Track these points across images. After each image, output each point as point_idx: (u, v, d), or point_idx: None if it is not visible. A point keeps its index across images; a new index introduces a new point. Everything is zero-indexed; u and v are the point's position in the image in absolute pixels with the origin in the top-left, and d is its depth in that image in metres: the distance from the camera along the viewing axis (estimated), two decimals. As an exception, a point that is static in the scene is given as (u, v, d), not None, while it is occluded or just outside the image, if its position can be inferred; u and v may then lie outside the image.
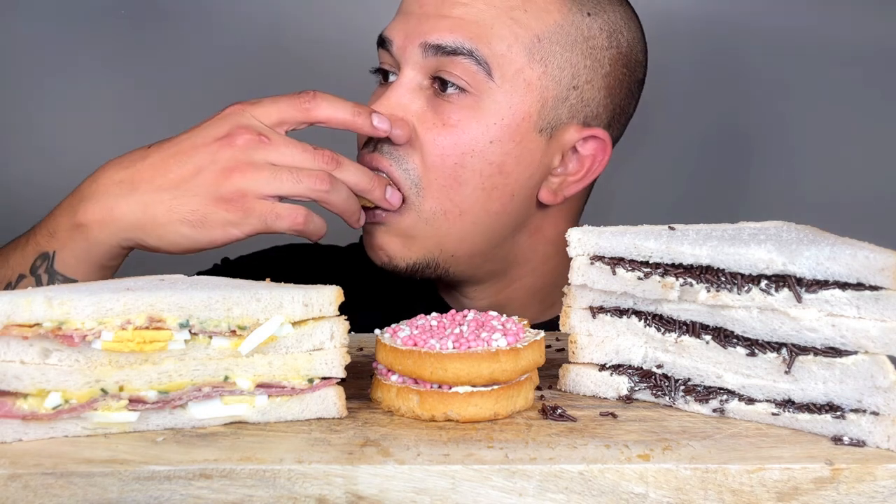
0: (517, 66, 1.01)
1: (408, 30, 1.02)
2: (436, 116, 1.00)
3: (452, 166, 1.00)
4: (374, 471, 0.60)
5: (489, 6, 1.01)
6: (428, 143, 1.00)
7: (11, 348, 0.64)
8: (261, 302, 0.69)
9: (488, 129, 1.00)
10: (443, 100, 1.01)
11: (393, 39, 1.03)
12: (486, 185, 1.01)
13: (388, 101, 1.01)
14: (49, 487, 0.59)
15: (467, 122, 1.00)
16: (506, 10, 1.01)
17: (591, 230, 0.75)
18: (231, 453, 0.62)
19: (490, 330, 0.72)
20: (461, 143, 1.00)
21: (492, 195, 1.02)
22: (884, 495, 0.61)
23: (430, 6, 1.02)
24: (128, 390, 0.66)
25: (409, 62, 1.02)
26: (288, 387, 0.70)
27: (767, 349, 0.69)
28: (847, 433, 0.66)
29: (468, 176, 1.00)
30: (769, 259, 0.67)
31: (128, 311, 0.66)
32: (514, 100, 1.01)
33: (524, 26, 1.01)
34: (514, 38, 1.00)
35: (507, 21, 1.00)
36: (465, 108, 1.00)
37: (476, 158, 1.00)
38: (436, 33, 1.00)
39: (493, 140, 1.00)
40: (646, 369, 0.75)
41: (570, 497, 0.61)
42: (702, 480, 0.61)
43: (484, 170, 1.01)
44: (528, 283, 1.13)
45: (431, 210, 1.01)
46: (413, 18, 1.02)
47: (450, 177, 1.00)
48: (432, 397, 0.69)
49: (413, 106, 1.01)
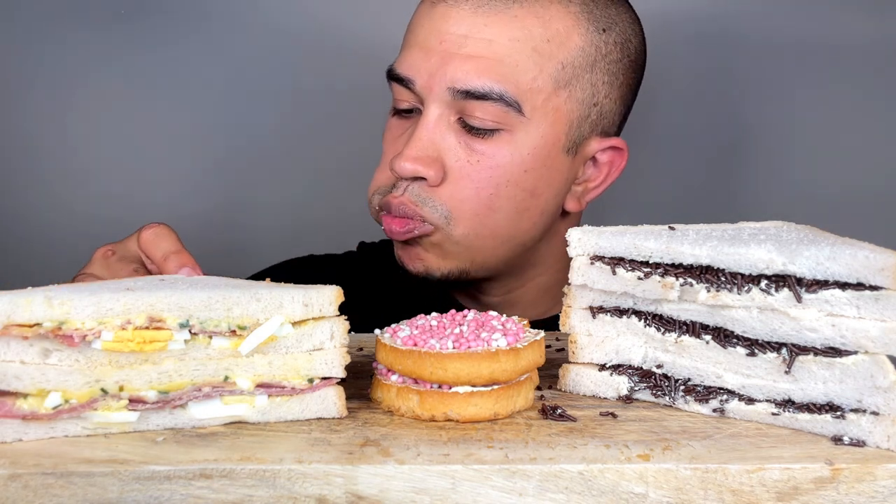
0: (545, 95, 1.01)
1: (430, 69, 1.00)
2: (468, 152, 1.01)
3: (487, 197, 1.01)
4: (374, 471, 0.60)
5: (513, 41, 0.99)
6: (462, 179, 1.01)
7: (11, 348, 0.64)
8: (261, 302, 0.69)
9: (523, 160, 1.01)
10: (473, 135, 1.01)
11: (414, 79, 1.01)
12: (518, 208, 1.03)
13: (421, 142, 1.00)
14: (49, 487, 0.59)
15: (501, 155, 1.00)
16: (529, 43, 1.00)
17: (591, 230, 0.75)
18: (231, 453, 0.62)
19: (490, 330, 0.72)
20: (496, 176, 1.01)
21: (523, 216, 1.04)
22: (884, 495, 0.61)
23: (451, 43, 1.00)
24: (128, 390, 0.66)
25: (436, 101, 1.01)
26: (288, 387, 0.70)
27: (767, 349, 0.69)
28: (847, 433, 0.66)
29: (501, 203, 1.02)
30: (769, 259, 0.67)
31: (128, 311, 0.66)
32: (544, 129, 1.02)
33: (548, 56, 1.01)
34: (540, 69, 1.00)
35: (531, 54, 1.00)
36: (497, 142, 1.00)
37: (510, 188, 1.02)
38: (464, 77, 0.98)
39: (527, 169, 1.02)
40: (646, 369, 0.75)
41: (570, 497, 0.61)
42: (702, 480, 0.61)
43: (517, 195, 1.02)
44: (542, 281, 1.15)
45: (464, 234, 1.02)
46: (434, 56, 1.00)
47: (484, 206, 1.01)
48: (432, 397, 0.69)
49: (444, 143, 1.01)
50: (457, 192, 1.01)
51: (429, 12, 1.03)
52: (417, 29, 1.04)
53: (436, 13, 1.02)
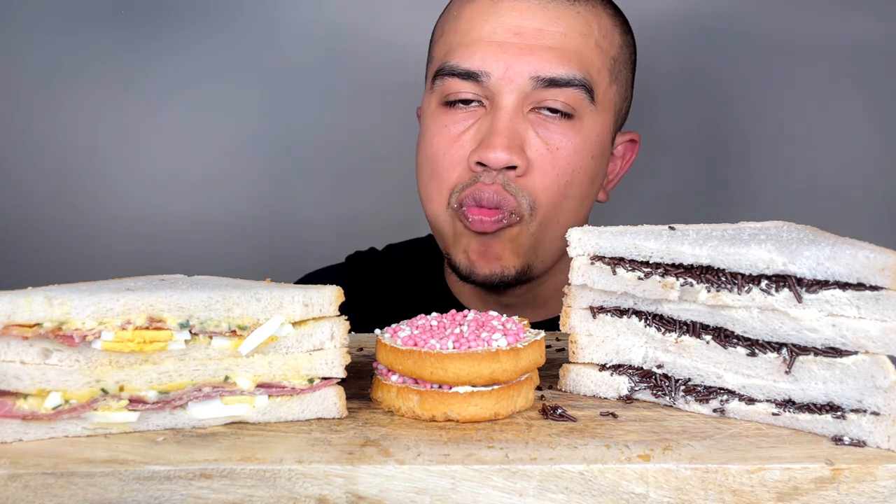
0: (604, 87, 1.08)
1: (509, 61, 1.03)
2: (544, 142, 1.05)
3: (565, 185, 1.06)
4: (374, 471, 0.60)
5: (582, 35, 1.05)
6: (545, 167, 1.04)
7: (11, 348, 0.64)
8: (261, 302, 0.68)
9: (590, 147, 1.07)
10: (546, 124, 1.05)
11: (490, 71, 1.04)
12: (583, 195, 1.09)
13: (508, 131, 1.03)
14: (49, 487, 0.59)
15: (574, 142, 1.05)
16: (593, 38, 1.07)
17: (592, 230, 0.75)
18: (231, 453, 0.62)
19: (490, 330, 0.72)
20: (572, 163, 1.06)
21: (584, 204, 1.10)
22: (884, 495, 0.61)
23: (528, 35, 1.04)
24: (128, 390, 0.66)
25: (515, 91, 1.03)
26: (288, 387, 0.70)
27: (768, 349, 0.69)
28: (847, 433, 0.66)
29: (573, 190, 1.07)
30: (769, 259, 0.67)
31: (128, 311, 0.66)
32: (603, 118, 1.08)
33: (605, 51, 1.08)
34: (602, 62, 1.07)
35: (594, 48, 1.07)
36: (569, 130, 1.05)
37: (580, 174, 1.07)
38: (548, 66, 1.03)
39: (593, 156, 1.08)
40: (646, 369, 0.75)
41: (571, 497, 0.61)
42: (702, 480, 0.61)
43: (583, 183, 1.08)
44: (560, 280, 1.16)
45: (539, 224, 1.06)
46: (512, 49, 1.04)
47: (560, 194, 1.06)
48: (432, 397, 0.69)
49: (525, 133, 1.04)
50: (539, 181, 1.04)
51: (490, 8, 1.06)
52: (478, 24, 1.06)
53: (501, 9, 1.05)
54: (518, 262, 1.07)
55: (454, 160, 1.06)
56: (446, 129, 1.07)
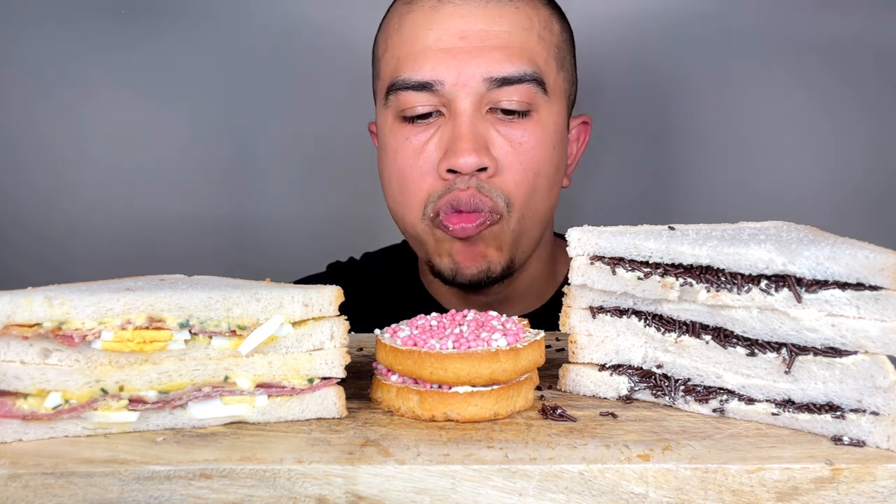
0: (553, 76, 1.09)
1: (459, 66, 1.04)
2: (507, 140, 1.06)
3: (533, 177, 1.07)
4: (374, 471, 0.60)
5: (525, 30, 1.07)
6: (512, 164, 1.05)
7: (11, 348, 0.64)
8: (261, 302, 0.69)
9: (550, 137, 1.09)
10: (506, 123, 1.06)
11: (443, 80, 1.04)
12: (550, 184, 1.10)
13: (470, 135, 1.03)
14: (49, 487, 0.59)
15: (535, 136, 1.07)
16: (535, 30, 1.08)
17: (591, 230, 0.75)
18: (231, 453, 0.62)
19: (490, 330, 0.72)
20: (537, 156, 1.07)
21: (552, 192, 1.11)
22: (884, 495, 0.61)
23: (474, 38, 1.04)
24: (128, 390, 0.66)
25: (470, 95, 1.04)
26: (288, 387, 0.70)
27: (767, 349, 0.69)
28: (847, 433, 0.66)
29: (542, 182, 1.08)
30: (769, 259, 0.67)
31: (128, 311, 0.66)
32: (557, 106, 1.10)
33: (547, 41, 1.09)
34: (547, 52, 1.09)
35: (538, 40, 1.08)
36: (528, 125, 1.06)
37: (546, 165, 1.08)
38: (498, 66, 1.04)
39: (554, 145, 1.09)
40: (646, 369, 0.75)
41: (570, 497, 0.61)
42: (702, 480, 0.61)
43: (549, 172, 1.09)
44: (531, 272, 1.18)
45: (518, 219, 1.07)
46: (461, 54, 1.04)
47: (531, 187, 1.07)
48: (432, 397, 0.69)
49: (487, 134, 1.05)
50: (510, 178, 1.05)
51: (432, 16, 1.06)
52: (422, 34, 1.06)
53: (442, 15, 1.05)
54: (503, 257, 1.08)
55: (423, 171, 1.06)
56: (408, 141, 1.07)
